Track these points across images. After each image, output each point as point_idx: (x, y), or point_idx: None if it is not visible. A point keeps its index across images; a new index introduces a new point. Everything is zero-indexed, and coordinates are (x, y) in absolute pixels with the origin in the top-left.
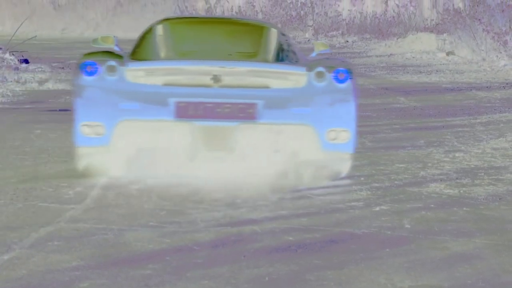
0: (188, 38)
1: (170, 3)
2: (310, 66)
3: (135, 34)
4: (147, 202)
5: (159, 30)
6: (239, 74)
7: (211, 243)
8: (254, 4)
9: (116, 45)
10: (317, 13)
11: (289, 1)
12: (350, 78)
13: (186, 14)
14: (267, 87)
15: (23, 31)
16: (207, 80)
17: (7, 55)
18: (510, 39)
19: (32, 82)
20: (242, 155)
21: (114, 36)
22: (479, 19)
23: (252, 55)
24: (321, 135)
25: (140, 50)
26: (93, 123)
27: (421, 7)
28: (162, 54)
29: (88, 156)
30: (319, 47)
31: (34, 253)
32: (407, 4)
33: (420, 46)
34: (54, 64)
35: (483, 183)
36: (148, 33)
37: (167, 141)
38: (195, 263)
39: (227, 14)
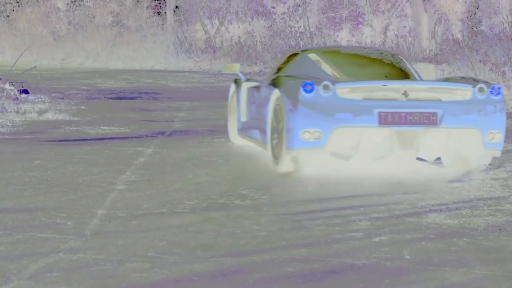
0: (343, 63)
1: (169, 34)
2: (473, 83)
3: (135, 65)
4: (147, 232)
5: (313, 57)
6: (421, 90)
7: (211, 274)
8: (254, 34)
9: (240, 72)
10: (316, 44)
11: (288, 31)
12: (501, 93)
13: (321, 46)
14: (440, 100)
15: (23, 61)
16: (399, 95)
17: (7, 86)
18: (509, 69)
19: (31, 113)
20: (424, 153)
21: (239, 65)
22: (476, 50)
23: (403, 76)
24: (484, 136)
25: (290, 72)
26: (312, 129)
27: (419, 38)
28: (334, 76)
29: (302, 156)
30: None
31: (33, 285)
32: (405, 35)
33: None
34: (53, 95)
35: (482, 214)
36: (292, 60)
37: (370, 142)
38: None
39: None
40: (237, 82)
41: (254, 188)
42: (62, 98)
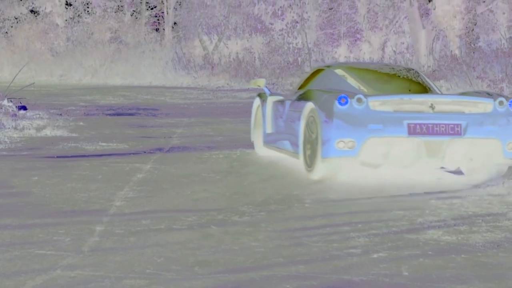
0: (367, 78)
1: (168, 50)
2: (493, 97)
3: (133, 81)
4: (145, 249)
5: (339, 72)
6: (446, 103)
7: None
8: (252, 50)
9: (265, 86)
10: (314, 60)
11: (286, 48)
12: None
13: (344, 62)
14: (463, 112)
15: (21, 78)
16: (426, 107)
17: (5, 102)
18: (506, 86)
19: (29, 129)
20: (449, 162)
21: (264, 80)
22: (474, 67)
23: (423, 89)
24: (503, 146)
25: (319, 86)
26: (347, 139)
27: (417, 54)
28: (362, 90)
29: (336, 164)
30: None
31: None
32: (403, 51)
33: None
34: (52, 111)
35: (480, 230)
36: (318, 75)
37: (400, 151)
38: None
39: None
40: (261, 96)
41: (252, 204)
42: (61, 115)
